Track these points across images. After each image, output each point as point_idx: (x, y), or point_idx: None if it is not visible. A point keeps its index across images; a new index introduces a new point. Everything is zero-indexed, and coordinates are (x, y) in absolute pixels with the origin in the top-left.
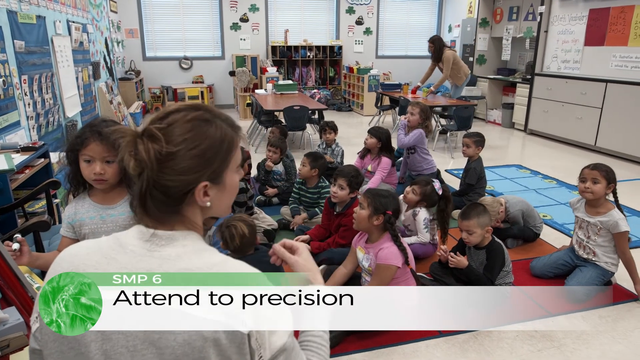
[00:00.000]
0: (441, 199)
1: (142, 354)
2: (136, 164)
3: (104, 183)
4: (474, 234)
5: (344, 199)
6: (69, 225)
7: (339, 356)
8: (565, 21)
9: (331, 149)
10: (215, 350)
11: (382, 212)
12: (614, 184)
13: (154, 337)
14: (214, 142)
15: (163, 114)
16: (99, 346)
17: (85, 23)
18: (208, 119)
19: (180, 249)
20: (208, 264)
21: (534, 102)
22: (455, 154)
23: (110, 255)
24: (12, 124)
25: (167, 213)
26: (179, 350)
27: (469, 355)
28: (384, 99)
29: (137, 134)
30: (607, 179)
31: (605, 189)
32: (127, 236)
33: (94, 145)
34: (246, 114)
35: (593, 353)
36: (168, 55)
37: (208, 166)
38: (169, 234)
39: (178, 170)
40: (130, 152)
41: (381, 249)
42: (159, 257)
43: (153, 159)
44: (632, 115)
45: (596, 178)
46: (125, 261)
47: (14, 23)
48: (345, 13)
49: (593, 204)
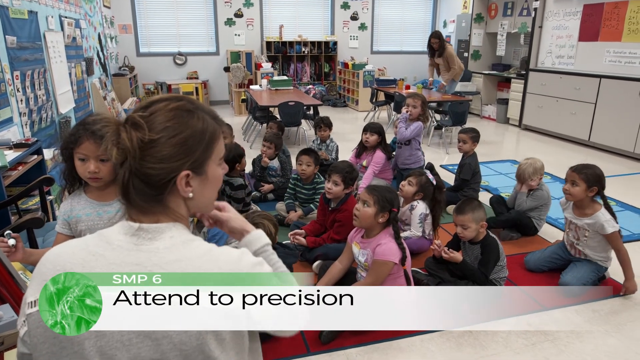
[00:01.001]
0: (435, 190)
1: (138, 346)
2: (119, 152)
3: (99, 181)
4: (469, 229)
5: (338, 195)
6: (64, 222)
7: (334, 351)
8: (559, 17)
9: (326, 145)
10: (213, 334)
11: (388, 210)
12: (597, 187)
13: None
14: (195, 131)
15: (146, 104)
16: (93, 343)
17: (78, 18)
18: (190, 109)
19: (168, 241)
20: (198, 253)
21: (529, 97)
22: (450, 150)
23: (97, 252)
24: (5, 121)
25: (149, 203)
26: (176, 339)
27: (464, 350)
28: (379, 95)
29: (120, 123)
30: (587, 182)
31: (585, 192)
32: (113, 232)
33: (87, 144)
34: (241, 110)
35: (586, 346)
36: (162, 51)
37: (189, 155)
38: (155, 226)
39: (159, 158)
40: (113, 140)
41: (379, 245)
42: (147, 250)
43: (136, 146)
44: (625, 110)
45: (575, 180)
46: (112, 257)
47: (5, 18)
48: (340, 8)
49: (578, 205)
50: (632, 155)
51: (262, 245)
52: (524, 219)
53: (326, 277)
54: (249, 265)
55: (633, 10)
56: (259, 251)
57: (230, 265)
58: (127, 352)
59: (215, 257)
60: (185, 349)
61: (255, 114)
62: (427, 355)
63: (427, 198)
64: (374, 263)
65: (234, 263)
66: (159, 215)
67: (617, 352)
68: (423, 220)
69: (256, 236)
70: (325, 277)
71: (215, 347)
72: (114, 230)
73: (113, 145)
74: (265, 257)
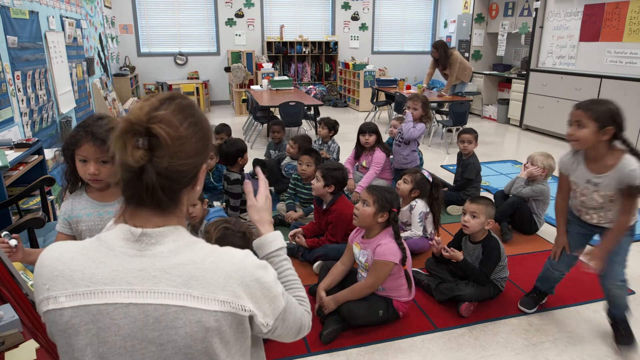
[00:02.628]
0: (432, 187)
1: (142, 352)
2: (145, 154)
3: (99, 182)
4: (477, 219)
5: (320, 191)
6: (65, 222)
7: (335, 351)
8: (560, 17)
9: (327, 145)
10: (218, 337)
11: (388, 210)
12: (612, 127)
13: (152, 335)
14: (209, 125)
15: (159, 103)
16: (95, 349)
17: (79, 18)
18: (194, 104)
19: (172, 244)
20: (201, 255)
21: (529, 97)
22: (451, 150)
23: (97, 259)
24: (6, 120)
25: (167, 202)
26: (181, 343)
27: (464, 350)
28: (380, 95)
29: (137, 123)
30: (598, 120)
31: (596, 135)
32: (113, 238)
33: (87, 146)
34: (242, 110)
35: (587, 347)
36: (163, 51)
37: (208, 147)
38: (158, 231)
39: (189, 154)
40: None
41: (379, 245)
42: (151, 255)
43: (170, 144)
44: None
45: (581, 121)
46: (115, 264)
47: (7, 18)
48: (340, 9)
49: (592, 155)
50: None
51: (273, 250)
52: (523, 207)
53: (328, 279)
54: (252, 267)
55: (634, 11)
56: (269, 256)
57: (233, 266)
58: (131, 358)
59: (219, 259)
60: (190, 352)
61: (256, 114)
62: (427, 355)
63: (424, 196)
64: (374, 263)
65: (238, 264)
66: (168, 216)
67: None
68: (423, 219)
69: (269, 240)
70: (327, 278)
71: (220, 350)
72: (114, 235)
73: (136, 147)
74: (276, 262)
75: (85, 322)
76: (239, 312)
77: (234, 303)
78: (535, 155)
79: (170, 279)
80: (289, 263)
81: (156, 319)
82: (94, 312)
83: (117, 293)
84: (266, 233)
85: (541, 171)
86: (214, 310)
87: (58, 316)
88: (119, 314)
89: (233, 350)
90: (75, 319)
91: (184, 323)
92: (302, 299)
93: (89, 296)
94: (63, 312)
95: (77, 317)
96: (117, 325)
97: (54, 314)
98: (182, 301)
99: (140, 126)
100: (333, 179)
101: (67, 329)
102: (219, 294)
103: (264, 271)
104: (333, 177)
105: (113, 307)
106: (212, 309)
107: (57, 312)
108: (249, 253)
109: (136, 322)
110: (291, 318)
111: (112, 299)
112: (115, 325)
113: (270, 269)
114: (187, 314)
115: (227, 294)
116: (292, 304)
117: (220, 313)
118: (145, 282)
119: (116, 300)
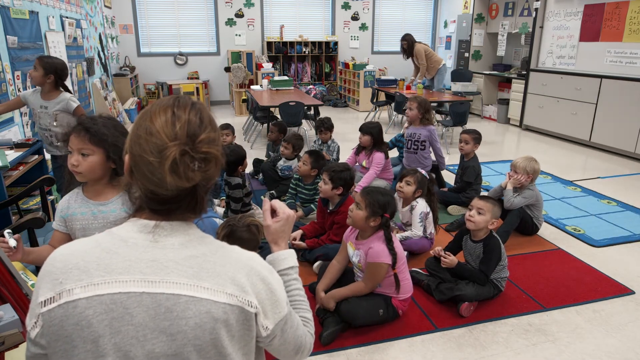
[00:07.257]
0: (428, 182)
1: (153, 342)
2: (200, 174)
3: (78, 175)
4: (483, 216)
5: (328, 193)
6: (61, 219)
7: (335, 351)
8: (560, 17)
9: (327, 145)
10: (225, 329)
11: (380, 215)
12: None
13: (164, 324)
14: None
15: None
16: (108, 340)
17: (79, 18)
18: (202, 104)
19: (183, 237)
20: (212, 249)
21: (529, 97)
22: (451, 150)
23: (111, 250)
24: (6, 120)
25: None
26: (191, 334)
27: (464, 350)
28: (380, 95)
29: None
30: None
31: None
32: (125, 230)
33: (73, 137)
34: (242, 110)
35: (587, 347)
36: (163, 51)
37: None
38: (171, 224)
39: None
40: (190, 166)
41: (371, 248)
42: (163, 246)
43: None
44: (626, 110)
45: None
46: (128, 254)
47: (7, 18)
48: (340, 9)
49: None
50: (632, 156)
51: (284, 268)
52: (524, 214)
53: (327, 278)
54: (259, 266)
55: (634, 11)
56: (280, 273)
57: (241, 262)
58: (142, 348)
59: (228, 254)
60: (199, 343)
61: (256, 114)
62: (427, 355)
63: (424, 194)
64: (369, 266)
65: (245, 261)
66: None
67: (617, 353)
68: (424, 219)
69: (281, 257)
70: (325, 278)
71: (227, 343)
72: (126, 228)
73: (192, 170)
74: (285, 280)
75: (98, 312)
76: (246, 307)
77: (241, 297)
78: (518, 161)
79: (182, 270)
80: (298, 283)
81: (168, 309)
82: (107, 301)
83: (130, 282)
84: (278, 250)
85: (526, 177)
86: (223, 302)
87: (71, 308)
88: (132, 303)
89: (238, 347)
90: (89, 310)
91: (193, 314)
92: (307, 320)
93: (104, 286)
94: (77, 304)
95: (90, 307)
96: (130, 315)
97: (67, 307)
98: (193, 292)
99: (196, 152)
100: (341, 180)
101: (81, 321)
102: (228, 287)
103: (270, 274)
104: (341, 178)
105: (127, 295)
106: (221, 300)
107: (71, 305)
108: (256, 255)
109: (148, 311)
110: (291, 332)
111: (126, 288)
112: (129, 314)
113: (277, 275)
114: (197, 304)
115: (235, 288)
116: (294, 318)
117: (228, 306)
118: (158, 272)
119: (130, 289)
